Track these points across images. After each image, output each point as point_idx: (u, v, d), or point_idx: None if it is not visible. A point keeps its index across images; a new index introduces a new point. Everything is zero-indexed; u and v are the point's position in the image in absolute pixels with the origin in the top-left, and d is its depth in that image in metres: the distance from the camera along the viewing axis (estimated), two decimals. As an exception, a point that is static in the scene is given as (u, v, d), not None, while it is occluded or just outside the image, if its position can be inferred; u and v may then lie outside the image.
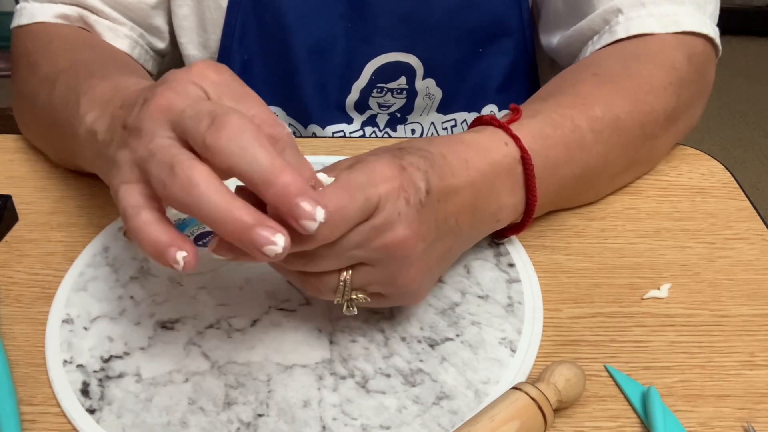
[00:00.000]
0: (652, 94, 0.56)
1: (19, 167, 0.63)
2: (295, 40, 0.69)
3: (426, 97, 0.75)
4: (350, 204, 0.39)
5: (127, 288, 0.51)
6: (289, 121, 0.75)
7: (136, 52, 0.68)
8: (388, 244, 0.41)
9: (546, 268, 0.53)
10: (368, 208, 0.40)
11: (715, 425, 0.43)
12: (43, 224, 0.57)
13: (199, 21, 0.70)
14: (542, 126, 0.51)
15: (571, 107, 0.53)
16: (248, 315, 0.49)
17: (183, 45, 0.72)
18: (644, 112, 0.56)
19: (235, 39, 0.70)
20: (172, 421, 0.43)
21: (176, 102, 0.39)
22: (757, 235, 0.56)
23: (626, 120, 0.54)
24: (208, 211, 0.36)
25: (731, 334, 0.48)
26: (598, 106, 0.53)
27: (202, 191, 0.36)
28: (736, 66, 2.45)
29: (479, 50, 0.73)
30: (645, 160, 0.60)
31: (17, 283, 0.52)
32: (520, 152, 0.49)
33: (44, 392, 0.45)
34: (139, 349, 0.47)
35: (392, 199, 0.41)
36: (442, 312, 0.49)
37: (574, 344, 0.48)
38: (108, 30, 0.66)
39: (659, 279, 0.52)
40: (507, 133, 0.49)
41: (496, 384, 0.45)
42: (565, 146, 0.51)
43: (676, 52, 0.59)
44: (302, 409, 0.43)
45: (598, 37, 0.62)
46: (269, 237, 0.36)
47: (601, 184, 0.58)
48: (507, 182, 0.48)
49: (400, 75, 0.72)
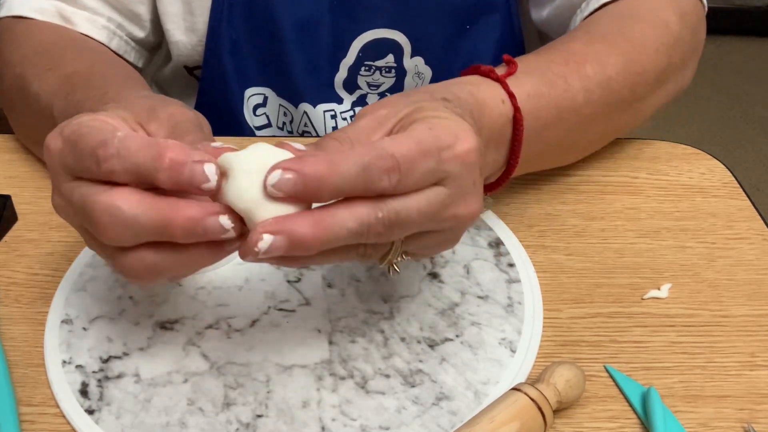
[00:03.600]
0: (644, 54, 0.56)
1: (19, 167, 0.63)
2: (281, 17, 0.70)
3: (416, 76, 0.75)
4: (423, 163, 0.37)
5: (127, 288, 0.51)
6: (279, 102, 0.75)
7: (114, 43, 0.68)
8: (461, 215, 0.40)
9: (546, 268, 0.53)
10: (443, 171, 0.38)
11: (715, 426, 0.43)
12: (43, 224, 0.57)
13: (185, 5, 0.70)
14: (538, 84, 0.50)
15: (564, 64, 0.52)
16: (247, 315, 0.49)
17: (169, 31, 0.72)
18: (635, 73, 0.55)
19: (223, 20, 0.70)
20: (171, 422, 0.43)
21: (54, 145, 0.39)
22: (758, 235, 0.56)
23: (617, 80, 0.54)
24: (149, 225, 0.36)
25: (732, 335, 0.48)
26: (590, 65, 0.53)
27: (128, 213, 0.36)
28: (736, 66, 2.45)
29: (466, 27, 0.73)
30: (629, 122, 0.60)
31: (16, 283, 0.52)
32: (513, 111, 0.48)
33: (43, 393, 0.45)
34: (138, 350, 0.47)
35: (470, 169, 0.39)
36: (441, 312, 0.49)
37: (574, 345, 0.48)
38: (85, 21, 0.66)
39: (659, 279, 0.52)
40: (504, 89, 0.48)
41: (496, 384, 0.45)
42: (556, 107, 0.51)
43: (669, 11, 0.59)
44: (301, 410, 0.43)
45: (586, 4, 0.63)
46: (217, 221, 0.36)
47: (582, 147, 0.58)
48: (495, 141, 0.48)
49: (387, 52, 0.72)
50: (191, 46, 0.72)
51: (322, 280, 0.51)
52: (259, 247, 0.35)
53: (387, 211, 0.37)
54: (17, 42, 0.63)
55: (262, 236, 0.35)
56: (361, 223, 0.36)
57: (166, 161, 0.36)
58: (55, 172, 0.39)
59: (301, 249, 0.36)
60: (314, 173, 0.35)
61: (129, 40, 0.70)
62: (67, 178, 0.38)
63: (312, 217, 0.36)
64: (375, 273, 0.52)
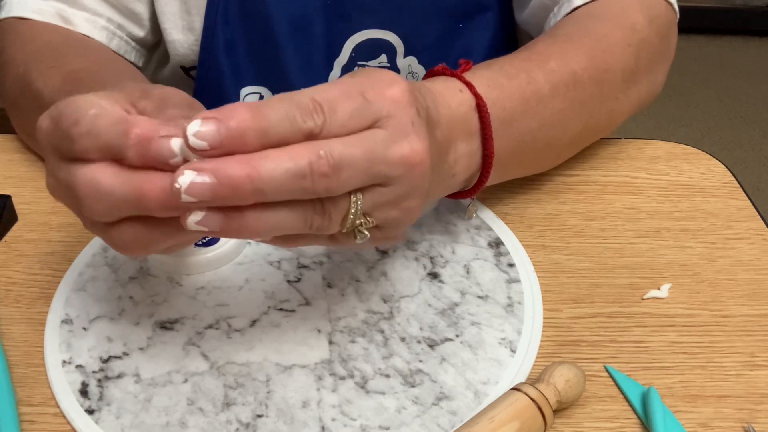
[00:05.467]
0: (608, 52, 0.56)
1: (19, 167, 0.63)
2: (275, 16, 0.70)
3: (409, 75, 0.75)
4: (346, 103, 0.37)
5: (126, 288, 0.51)
6: None
7: (114, 43, 0.69)
8: (406, 155, 0.39)
9: (546, 268, 0.53)
10: (373, 112, 0.38)
11: (715, 426, 0.43)
12: (43, 224, 0.57)
13: (182, 4, 0.71)
14: (496, 75, 0.50)
15: (525, 60, 0.52)
16: (247, 315, 0.49)
17: (166, 31, 0.72)
18: (601, 69, 0.55)
19: (219, 20, 0.70)
20: (171, 422, 0.43)
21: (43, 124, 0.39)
22: (758, 235, 0.56)
23: (582, 75, 0.54)
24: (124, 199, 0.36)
25: (731, 335, 0.48)
26: (554, 60, 0.53)
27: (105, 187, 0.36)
28: (736, 66, 2.45)
29: (459, 26, 0.73)
30: (604, 123, 0.59)
31: (16, 283, 0.52)
32: (474, 99, 0.47)
33: (43, 393, 0.45)
34: (138, 350, 0.47)
35: (404, 107, 0.39)
36: (441, 312, 0.49)
37: (574, 344, 0.48)
38: (85, 22, 0.66)
39: (659, 279, 0.52)
40: (461, 80, 0.48)
41: (496, 384, 0.45)
42: (521, 98, 0.50)
43: (638, 14, 0.59)
44: (301, 410, 0.43)
45: (558, 7, 0.63)
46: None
47: (559, 146, 0.57)
48: (462, 131, 0.47)
49: (380, 53, 0.73)
50: (188, 46, 0.73)
51: (322, 280, 0.51)
52: (179, 182, 0.33)
53: (327, 150, 0.36)
54: (20, 42, 0.63)
55: (183, 171, 0.34)
56: (299, 163, 0.35)
57: (132, 137, 0.35)
58: (46, 153, 0.39)
59: (234, 190, 0.34)
60: (236, 118, 0.34)
61: (129, 40, 0.71)
62: (56, 157, 0.38)
63: (243, 157, 0.34)
64: (375, 273, 0.52)
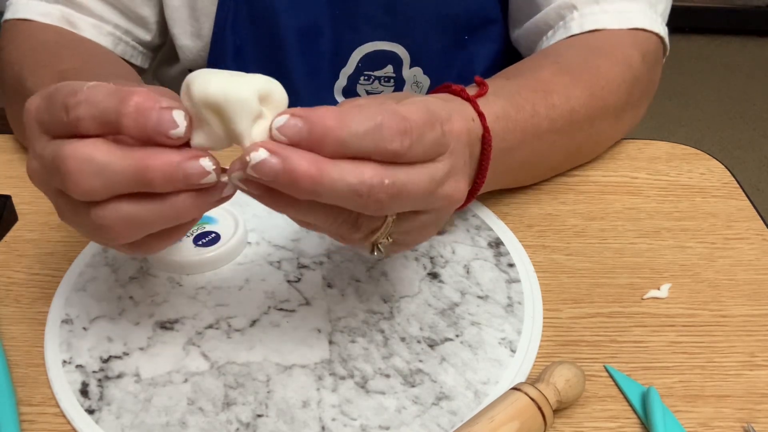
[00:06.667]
0: (606, 89, 0.57)
1: (19, 167, 0.63)
2: (283, 24, 0.70)
3: (414, 85, 0.75)
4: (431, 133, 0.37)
5: (127, 288, 0.51)
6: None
7: (119, 48, 0.69)
8: (451, 193, 0.39)
9: (546, 268, 0.53)
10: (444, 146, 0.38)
11: (715, 426, 0.43)
12: (43, 224, 0.57)
13: (191, 11, 0.71)
14: (507, 106, 0.51)
15: (533, 91, 0.54)
16: (247, 315, 0.49)
17: (176, 36, 0.72)
18: (597, 108, 0.57)
19: (228, 26, 0.71)
20: (171, 422, 0.43)
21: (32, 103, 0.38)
22: (758, 235, 0.56)
23: (579, 112, 0.56)
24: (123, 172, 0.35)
25: (731, 335, 0.48)
26: (557, 95, 0.54)
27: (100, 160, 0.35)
28: (736, 66, 2.45)
29: (464, 38, 0.74)
30: (587, 152, 0.62)
31: (16, 283, 0.52)
32: (482, 131, 0.48)
33: (43, 392, 0.45)
34: (138, 350, 0.47)
35: (464, 146, 0.39)
36: (441, 312, 0.49)
37: (574, 344, 0.48)
38: (91, 27, 0.67)
39: (659, 279, 0.52)
40: (474, 108, 0.48)
41: (496, 384, 0.45)
42: (522, 131, 0.52)
43: (632, 50, 0.60)
44: (301, 410, 0.43)
45: (553, 32, 0.64)
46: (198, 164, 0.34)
47: (541, 171, 0.59)
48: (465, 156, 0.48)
49: (386, 64, 0.73)
50: (197, 51, 0.73)
51: (322, 280, 0.51)
52: (252, 157, 0.34)
53: (394, 179, 0.35)
54: (17, 42, 0.63)
55: (258, 148, 0.34)
56: (363, 183, 0.35)
57: (131, 105, 0.34)
58: (30, 134, 0.38)
59: (293, 183, 0.34)
60: (322, 122, 0.34)
61: (136, 44, 0.71)
62: (42, 137, 0.37)
63: (313, 156, 0.34)
64: (375, 273, 0.52)
